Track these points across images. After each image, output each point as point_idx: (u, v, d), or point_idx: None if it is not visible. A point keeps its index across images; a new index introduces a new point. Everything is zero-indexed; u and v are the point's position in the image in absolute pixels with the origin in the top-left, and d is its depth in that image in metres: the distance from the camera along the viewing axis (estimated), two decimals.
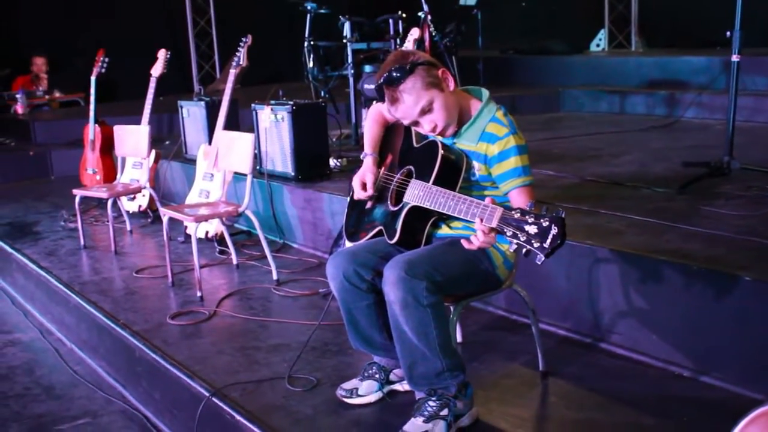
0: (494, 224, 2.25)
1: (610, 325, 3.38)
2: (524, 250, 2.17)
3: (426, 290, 2.52)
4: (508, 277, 2.89)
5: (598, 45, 10.48)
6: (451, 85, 2.73)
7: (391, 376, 3.01)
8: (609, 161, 5.47)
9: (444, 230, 2.82)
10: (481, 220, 2.29)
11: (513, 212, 2.22)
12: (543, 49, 9.98)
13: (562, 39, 10.05)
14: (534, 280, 3.53)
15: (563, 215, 2.15)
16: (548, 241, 2.13)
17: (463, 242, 2.40)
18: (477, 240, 2.35)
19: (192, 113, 6.36)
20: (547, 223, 2.14)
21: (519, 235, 2.17)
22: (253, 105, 5.56)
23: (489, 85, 7.73)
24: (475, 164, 2.73)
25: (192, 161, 6.03)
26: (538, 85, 9.27)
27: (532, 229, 2.16)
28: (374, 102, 2.99)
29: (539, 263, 2.17)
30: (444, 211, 2.49)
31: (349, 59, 6.51)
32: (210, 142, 5.60)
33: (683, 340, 3.13)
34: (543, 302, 3.48)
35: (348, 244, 3.01)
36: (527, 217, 2.18)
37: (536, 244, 2.15)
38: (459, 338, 3.43)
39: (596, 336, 3.44)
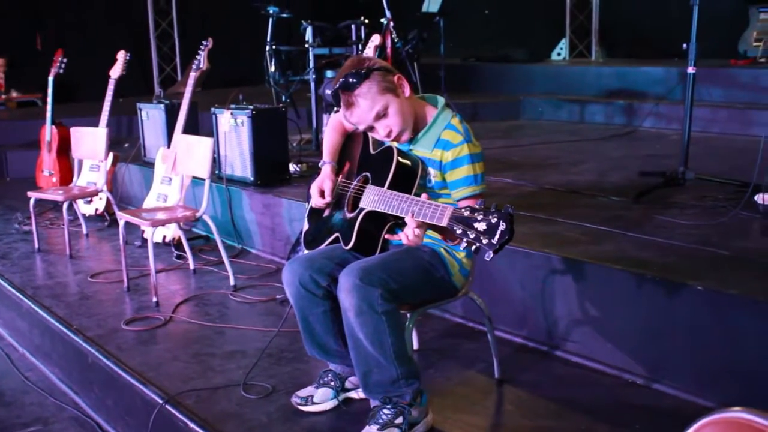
0: (445, 222, 2.26)
1: (566, 333, 3.40)
2: (474, 246, 2.18)
3: (381, 297, 2.52)
4: (465, 284, 2.89)
5: (559, 54, 10.60)
6: (407, 91, 2.73)
7: (347, 384, 2.99)
8: (567, 170, 5.51)
9: (400, 237, 2.80)
10: (413, 215, 2.37)
11: (463, 210, 2.23)
12: (504, 57, 10.09)
13: (523, 47, 10.15)
14: (490, 288, 3.54)
15: (511, 211, 2.16)
16: (496, 236, 2.14)
17: (388, 236, 2.54)
18: (406, 237, 2.41)
19: (151, 116, 6.29)
20: (496, 219, 2.15)
21: (468, 233, 2.18)
22: (212, 109, 5.53)
23: (451, 92, 7.85)
24: (431, 171, 2.74)
25: (150, 164, 5.96)
26: (499, 92, 9.36)
27: (481, 226, 2.17)
28: (334, 108, 2.98)
29: (488, 259, 2.17)
30: (397, 213, 2.49)
31: (311, 64, 6.50)
32: (169, 146, 5.56)
33: (637, 348, 3.15)
34: (499, 310, 3.48)
35: (305, 251, 2.98)
36: (476, 214, 2.19)
37: (485, 241, 2.15)
38: (415, 345, 3.43)
39: (552, 344, 3.45)
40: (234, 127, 5.34)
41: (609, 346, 3.23)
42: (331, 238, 2.86)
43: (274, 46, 6.74)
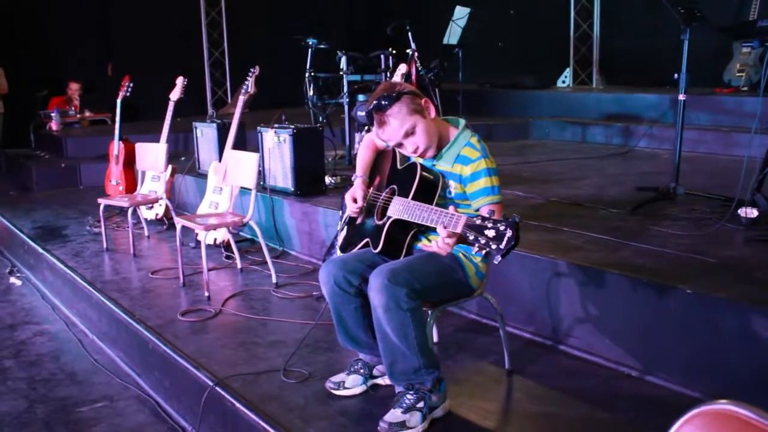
0: (459, 229, 2.25)
1: (569, 329, 3.38)
2: (484, 251, 2.16)
3: (406, 296, 2.51)
4: (480, 285, 2.88)
5: (563, 81, 10.53)
6: (432, 113, 2.75)
7: (374, 372, 2.99)
8: (571, 184, 5.47)
9: (423, 243, 2.81)
10: (445, 227, 2.30)
11: (475, 219, 2.22)
12: (515, 84, 10.02)
13: (532, 75, 10.08)
14: (502, 289, 3.52)
15: (518, 220, 2.15)
16: (504, 242, 2.12)
17: (423, 247, 2.44)
18: (437, 245, 2.36)
19: (205, 133, 6.34)
20: (503, 227, 2.14)
21: (480, 238, 2.17)
22: (258, 127, 5.55)
23: (468, 114, 7.84)
24: (452, 183, 2.74)
25: (204, 176, 6.00)
26: (510, 115, 9.28)
27: (491, 233, 2.15)
28: (366, 127, 2.99)
29: (496, 263, 2.17)
30: (419, 222, 2.49)
31: (345, 89, 6.51)
32: (220, 160, 5.59)
33: (632, 344, 3.12)
34: (510, 308, 3.47)
35: (339, 253, 3.00)
36: (487, 222, 2.18)
37: (494, 246, 2.14)
38: (435, 339, 3.42)
39: (556, 339, 3.43)
40: (277, 144, 5.37)
41: (607, 342, 3.20)
42: (363, 242, 2.87)
43: (312, 73, 6.75)
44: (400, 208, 2.64)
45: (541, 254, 3.50)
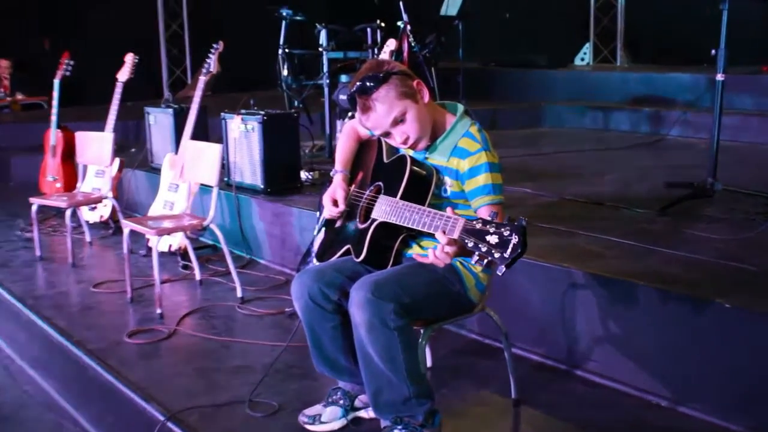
0: (456, 235, 2.24)
1: (586, 351, 3.36)
2: (486, 260, 2.15)
3: (393, 313, 2.50)
4: (481, 299, 2.86)
5: (582, 59, 10.56)
6: (426, 97, 2.73)
7: (357, 402, 2.97)
8: (590, 180, 5.47)
9: (414, 250, 2.80)
10: (444, 232, 2.28)
11: (475, 222, 2.21)
12: (525, 62, 10.02)
13: (545, 52, 10.10)
14: (507, 304, 3.50)
15: (524, 223, 2.13)
16: (509, 250, 2.11)
17: (416, 257, 2.43)
18: (434, 254, 2.32)
19: (159, 120, 6.31)
20: (508, 232, 2.13)
21: (480, 246, 2.15)
22: (222, 114, 5.53)
23: (470, 98, 7.82)
24: (447, 180, 2.73)
25: (157, 171, 5.96)
26: (519, 99, 9.30)
27: (493, 239, 2.14)
28: (349, 113, 2.98)
29: (500, 274, 2.16)
30: (409, 225, 2.48)
31: (325, 68, 6.49)
32: (176, 152, 5.56)
33: (661, 368, 3.11)
34: (517, 326, 3.44)
35: (315, 262, 2.98)
36: (488, 226, 2.17)
37: (497, 254, 2.12)
38: (429, 363, 3.39)
39: (571, 362, 3.41)
40: (244, 133, 5.35)
41: (632, 366, 3.19)
42: (343, 249, 2.85)
43: (287, 50, 6.74)
44: (386, 210, 2.63)
45: (554, 262, 3.47)
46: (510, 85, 9.72)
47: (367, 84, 2.65)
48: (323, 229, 3.04)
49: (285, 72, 6.78)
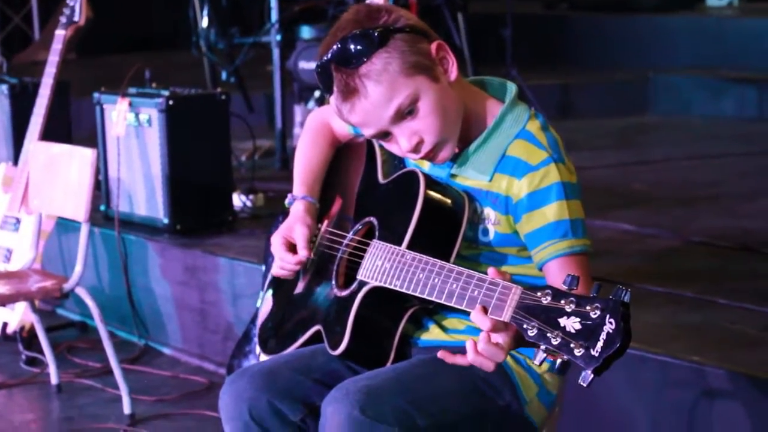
0: (507, 316, 1.69)
1: None
2: (559, 361, 1.63)
3: None
4: (547, 419, 2.17)
5: None
6: (453, 71, 2.03)
7: None
8: (735, 207, 4.45)
9: (433, 334, 2.12)
10: (485, 310, 1.73)
11: (539, 294, 1.66)
12: (619, 2, 8.07)
13: None
14: (592, 425, 2.87)
15: (627, 299, 1.59)
16: (598, 344, 1.58)
17: (442, 354, 1.80)
18: (474, 351, 1.73)
19: None
20: (598, 312, 1.59)
21: (549, 335, 1.62)
22: (97, 94, 4.31)
23: (523, 65, 6.61)
24: (490, 213, 2.06)
25: None
26: (610, 66, 7.52)
27: (573, 324, 1.62)
28: (316, 93, 2.29)
29: (585, 384, 1.59)
30: (425, 296, 1.87)
31: (273, 15, 5.05)
32: (16, 161, 4.47)
33: None
34: None
35: (262, 356, 2.30)
36: (564, 302, 1.62)
37: (578, 351, 1.59)
38: None
39: None
40: (134, 129, 4.18)
41: None
42: (308, 333, 2.19)
43: None
44: (384, 266, 2.04)
45: (674, 353, 2.75)
46: (592, 41, 7.91)
47: (352, 48, 1.99)
48: (272, 295, 2.41)
49: (204, 22, 5.35)
